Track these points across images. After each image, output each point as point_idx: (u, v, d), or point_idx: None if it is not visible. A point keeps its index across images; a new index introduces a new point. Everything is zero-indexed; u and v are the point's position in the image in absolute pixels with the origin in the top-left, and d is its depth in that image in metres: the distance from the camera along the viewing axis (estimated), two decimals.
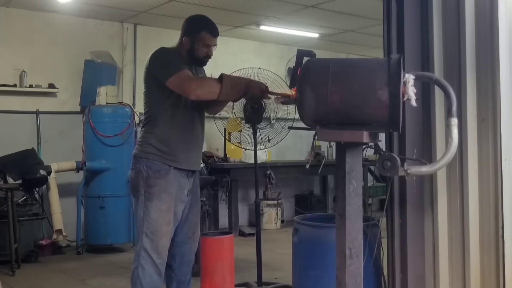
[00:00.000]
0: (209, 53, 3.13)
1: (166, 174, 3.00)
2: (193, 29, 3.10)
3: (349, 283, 2.16)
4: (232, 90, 2.91)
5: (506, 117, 2.73)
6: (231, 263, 3.56)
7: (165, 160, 3.01)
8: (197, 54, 3.10)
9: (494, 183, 2.75)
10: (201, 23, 3.15)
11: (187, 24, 3.16)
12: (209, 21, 3.16)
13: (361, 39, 8.04)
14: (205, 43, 3.10)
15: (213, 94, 2.88)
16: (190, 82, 2.89)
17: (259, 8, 6.51)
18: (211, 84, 2.92)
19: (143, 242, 2.99)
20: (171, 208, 3.03)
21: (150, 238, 2.98)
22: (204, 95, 2.89)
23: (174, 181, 3.04)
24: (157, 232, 2.98)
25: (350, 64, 2.21)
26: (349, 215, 2.15)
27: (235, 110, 4.55)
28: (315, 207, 8.26)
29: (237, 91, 2.93)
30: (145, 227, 2.98)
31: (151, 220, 2.98)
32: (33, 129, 6.43)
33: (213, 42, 3.13)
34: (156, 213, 2.98)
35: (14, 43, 6.30)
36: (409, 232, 3.03)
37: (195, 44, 3.08)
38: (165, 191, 3.00)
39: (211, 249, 3.51)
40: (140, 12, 6.60)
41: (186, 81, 2.89)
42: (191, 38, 3.08)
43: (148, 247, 2.98)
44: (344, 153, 2.15)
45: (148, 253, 2.98)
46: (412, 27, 3.04)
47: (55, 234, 5.93)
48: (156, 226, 2.99)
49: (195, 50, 3.09)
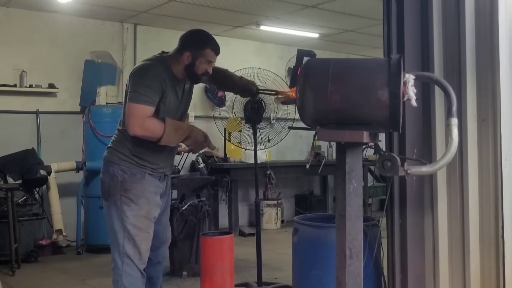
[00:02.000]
0: (209, 70, 3.07)
1: (142, 178, 2.96)
2: (198, 44, 3.01)
3: (349, 283, 2.16)
4: (175, 133, 2.89)
5: (506, 117, 2.73)
6: (231, 263, 3.56)
7: (138, 166, 2.98)
8: (197, 71, 3.02)
9: (494, 183, 2.75)
10: (207, 39, 3.06)
11: (190, 39, 3.06)
12: (213, 38, 3.09)
13: (361, 39, 8.04)
14: (208, 60, 3.02)
15: (154, 139, 2.86)
16: (137, 120, 2.81)
17: (259, 8, 6.51)
18: (155, 129, 2.84)
19: (125, 248, 2.92)
20: (150, 213, 2.99)
21: (132, 243, 2.93)
22: (143, 136, 2.86)
23: (150, 185, 3.00)
24: (137, 237, 2.93)
25: (350, 64, 2.21)
26: (349, 215, 2.15)
27: (235, 110, 4.55)
28: (315, 207, 8.26)
29: (180, 134, 2.92)
30: (126, 233, 2.93)
31: (130, 227, 2.92)
32: (33, 129, 6.42)
33: (214, 59, 3.07)
34: (135, 218, 2.93)
35: (14, 43, 6.29)
36: (409, 232, 3.03)
37: (197, 60, 2.99)
38: (142, 196, 2.95)
39: (211, 249, 3.51)
40: (140, 12, 6.60)
41: (136, 117, 2.82)
42: (194, 53, 2.98)
43: (131, 253, 2.93)
44: (344, 153, 2.15)
45: (131, 259, 2.93)
46: (412, 27, 3.04)
47: (55, 234, 5.93)
48: (137, 231, 2.93)
49: (195, 66, 3.00)
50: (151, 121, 2.85)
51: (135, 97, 2.84)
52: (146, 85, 2.85)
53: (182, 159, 6.84)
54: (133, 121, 2.82)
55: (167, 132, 2.84)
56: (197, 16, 6.59)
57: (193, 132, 2.96)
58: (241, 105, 4.34)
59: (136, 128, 2.81)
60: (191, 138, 2.95)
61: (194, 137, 2.97)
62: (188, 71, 3.02)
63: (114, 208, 2.96)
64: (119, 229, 2.94)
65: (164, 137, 2.84)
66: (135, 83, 2.89)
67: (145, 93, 2.83)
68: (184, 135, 2.94)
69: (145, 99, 2.82)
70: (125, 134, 2.95)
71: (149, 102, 2.83)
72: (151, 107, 2.84)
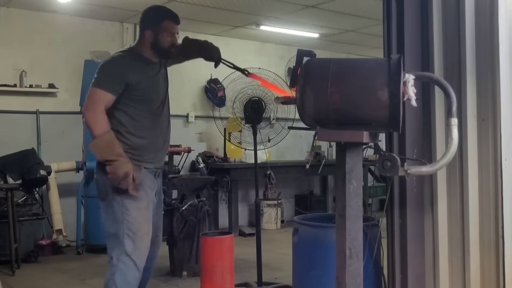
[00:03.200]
0: (174, 41, 3.05)
1: (139, 171, 2.93)
2: (154, 20, 3.05)
3: (349, 283, 2.16)
4: (105, 147, 2.85)
5: (506, 117, 2.73)
6: (231, 263, 3.56)
7: (135, 160, 2.95)
8: (163, 45, 3.02)
9: (494, 183, 2.75)
10: (161, 12, 3.10)
11: (146, 17, 3.11)
12: (168, 9, 3.12)
13: (361, 39, 8.04)
14: (169, 32, 3.02)
15: (90, 132, 2.88)
16: (90, 103, 2.89)
17: (259, 8, 6.51)
18: (97, 124, 2.86)
19: (125, 245, 2.87)
20: (149, 206, 2.98)
21: (132, 239, 2.88)
22: (86, 122, 2.89)
23: (147, 179, 2.99)
24: (139, 231, 2.90)
25: (350, 64, 2.21)
26: (349, 215, 2.15)
27: (235, 110, 4.55)
28: (315, 207, 8.26)
29: (107, 152, 2.84)
30: (126, 228, 2.88)
31: (132, 220, 2.89)
32: (33, 129, 6.42)
33: (176, 30, 3.05)
34: (136, 211, 2.90)
35: (14, 43, 6.30)
36: (409, 232, 3.03)
37: (159, 35, 3.00)
38: (141, 188, 2.93)
39: (211, 249, 3.51)
40: (140, 12, 6.55)
41: (90, 99, 2.89)
42: (154, 29, 3.01)
43: (130, 250, 2.87)
44: (344, 153, 2.15)
45: (130, 257, 2.87)
46: (412, 27, 3.04)
47: (55, 234, 5.93)
48: (138, 225, 2.90)
49: (159, 41, 3.01)
50: (102, 115, 2.87)
51: (95, 81, 2.92)
52: (106, 73, 2.93)
53: (182, 159, 6.84)
54: (87, 102, 2.90)
55: (101, 139, 2.84)
56: (197, 16, 6.59)
57: (118, 163, 2.83)
58: (241, 105, 4.34)
59: (86, 110, 2.89)
60: (113, 166, 2.83)
61: (115, 167, 2.83)
62: (154, 49, 3.03)
63: (115, 205, 2.91)
64: (119, 226, 2.89)
65: (95, 141, 2.85)
66: (98, 71, 2.95)
67: (103, 79, 2.90)
68: (109, 157, 2.84)
69: (104, 85, 2.88)
70: (120, 129, 2.95)
71: (108, 88, 2.88)
72: (109, 94, 2.88)
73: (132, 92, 2.95)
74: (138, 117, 2.98)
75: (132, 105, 2.96)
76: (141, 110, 2.98)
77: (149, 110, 3.01)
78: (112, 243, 2.93)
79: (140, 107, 2.98)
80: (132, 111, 2.97)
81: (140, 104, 2.97)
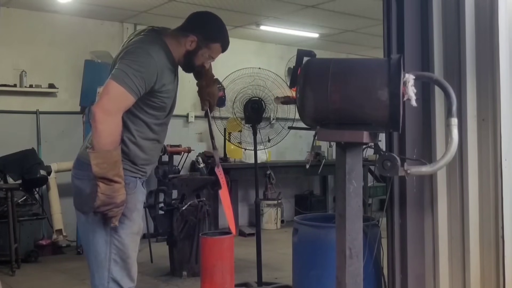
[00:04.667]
0: (206, 65, 2.70)
1: (134, 187, 2.46)
2: (209, 34, 2.58)
3: (349, 283, 2.16)
4: (113, 163, 2.27)
5: (506, 117, 2.73)
6: (231, 263, 3.56)
7: (132, 171, 2.48)
8: (196, 61, 2.59)
9: (494, 183, 2.75)
10: (220, 31, 2.64)
11: (204, 24, 2.61)
12: (227, 32, 2.68)
13: (361, 39, 8.04)
14: (212, 55, 2.63)
15: (95, 137, 2.29)
16: (109, 102, 2.28)
17: (259, 8, 6.51)
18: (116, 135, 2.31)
19: (112, 271, 2.40)
20: (140, 228, 2.51)
21: (120, 266, 2.41)
22: (94, 124, 2.27)
23: (140, 194, 2.53)
24: (129, 259, 2.44)
25: (350, 64, 2.21)
26: (349, 215, 2.15)
27: (235, 110, 4.55)
28: (315, 207, 8.26)
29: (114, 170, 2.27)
30: (114, 253, 2.40)
31: (121, 246, 2.40)
32: (33, 129, 6.42)
33: (217, 56, 2.67)
34: (128, 237, 2.42)
35: (14, 43, 6.30)
36: (409, 232, 3.03)
37: (201, 50, 2.56)
38: (135, 208, 2.45)
39: (211, 249, 3.51)
40: (140, 12, 6.60)
41: (110, 98, 2.29)
42: (200, 40, 2.53)
43: (119, 277, 2.41)
44: (344, 153, 2.15)
45: (119, 284, 2.42)
46: (412, 27, 3.04)
47: (55, 234, 5.93)
48: (128, 252, 2.43)
49: (196, 55, 2.56)
50: (120, 125, 2.32)
51: (121, 76, 2.29)
52: (138, 69, 2.32)
53: (182, 159, 6.84)
54: (106, 100, 2.27)
55: (110, 154, 2.27)
56: None
57: (118, 186, 2.27)
58: (241, 105, 4.34)
59: (101, 109, 2.25)
60: (112, 188, 2.26)
61: (114, 190, 2.27)
62: (186, 58, 2.56)
63: (99, 226, 2.38)
64: (104, 249, 2.40)
65: (103, 153, 2.26)
66: (128, 61, 2.34)
67: (133, 77, 2.29)
68: (113, 177, 2.26)
69: (130, 84, 2.29)
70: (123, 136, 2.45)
71: (133, 90, 2.30)
72: (131, 97, 2.31)
73: (152, 98, 2.44)
74: (145, 125, 2.49)
75: (145, 111, 2.46)
76: (152, 117, 2.49)
77: (158, 119, 2.53)
78: (97, 267, 2.45)
79: (151, 115, 2.49)
80: (143, 117, 2.47)
81: (154, 110, 2.48)
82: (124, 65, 2.32)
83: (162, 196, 5.64)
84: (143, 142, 2.49)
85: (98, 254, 2.41)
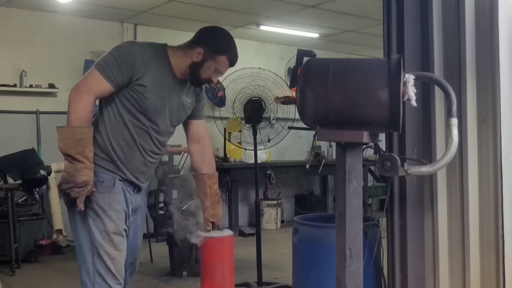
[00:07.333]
0: (214, 79, 2.64)
1: (111, 186, 2.46)
2: (217, 47, 2.55)
3: (349, 283, 2.16)
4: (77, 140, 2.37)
5: (506, 117, 2.73)
6: (231, 263, 3.55)
7: (108, 170, 2.49)
8: (202, 73, 2.57)
9: (494, 183, 2.75)
10: (228, 44, 2.60)
11: (212, 37, 2.58)
12: (235, 47, 2.63)
13: (361, 39, 8.04)
14: (218, 69, 2.59)
15: (70, 114, 2.43)
16: (82, 84, 2.43)
17: (259, 8, 6.51)
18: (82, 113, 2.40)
19: (96, 265, 2.42)
20: (119, 228, 2.47)
21: (102, 262, 2.42)
22: (70, 102, 2.44)
23: (119, 195, 2.49)
24: (106, 255, 2.42)
25: (350, 64, 2.21)
26: (349, 215, 2.15)
27: (235, 110, 4.56)
28: (315, 207, 8.26)
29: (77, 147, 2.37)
30: (94, 248, 2.42)
31: (95, 242, 2.42)
32: (33, 129, 6.42)
33: (225, 71, 2.64)
34: (101, 234, 2.42)
35: (14, 43, 6.30)
36: (409, 232, 3.03)
37: (207, 62, 2.54)
38: (109, 208, 2.43)
39: (211, 249, 3.50)
40: (140, 12, 6.60)
41: (84, 81, 2.44)
42: (207, 53, 2.52)
43: (103, 271, 2.42)
44: (344, 153, 2.15)
45: (104, 279, 2.42)
46: (412, 27, 3.04)
47: (55, 234, 5.93)
48: (104, 249, 2.43)
49: (202, 68, 2.55)
50: (88, 104, 2.41)
51: (99, 63, 2.44)
52: (116, 57, 2.42)
53: (182, 159, 6.84)
54: (80, 82, 2.44)
55: (75, 130, 2.38)
56: (197, 16, 6.58)
57: (81, 165, 2.35)
58: (241, 105, 4.34)
59: (74, 90, 2.42)
60: (74, 166, 2.36)
61: (76, 169, 2.35)
62: (191, 70, 2.56)
63: (79, 219, 2.44)
64: (86, 243, 2.44)
65: (68, 128, 2.40)
66: (112, 50, 2.47)
67: (111, 64, 2.40)
68: (75, 155, 2.37)
69: (106, 71, 2.40)
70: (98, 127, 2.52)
71: (108, 76, 2.40)
72: (106, 82, 2.40)
73: (128, 90, 2.46)
74: (122, 120, 2.50)
75: (122, 104, 2.49)
76: (129, 115, 2.50)
77: (138, 119, 2.51)
78: (82, 261, 2.47)
79: (128, 110, 2.50)
80: (121, 110, 2.50)
81: (131, 105, 2.49)
82: (107, 54, 2.46)
83: (162, 196, 5.64)
84: (117, 139, 2.50)
85: (81, 248, 2.46)
